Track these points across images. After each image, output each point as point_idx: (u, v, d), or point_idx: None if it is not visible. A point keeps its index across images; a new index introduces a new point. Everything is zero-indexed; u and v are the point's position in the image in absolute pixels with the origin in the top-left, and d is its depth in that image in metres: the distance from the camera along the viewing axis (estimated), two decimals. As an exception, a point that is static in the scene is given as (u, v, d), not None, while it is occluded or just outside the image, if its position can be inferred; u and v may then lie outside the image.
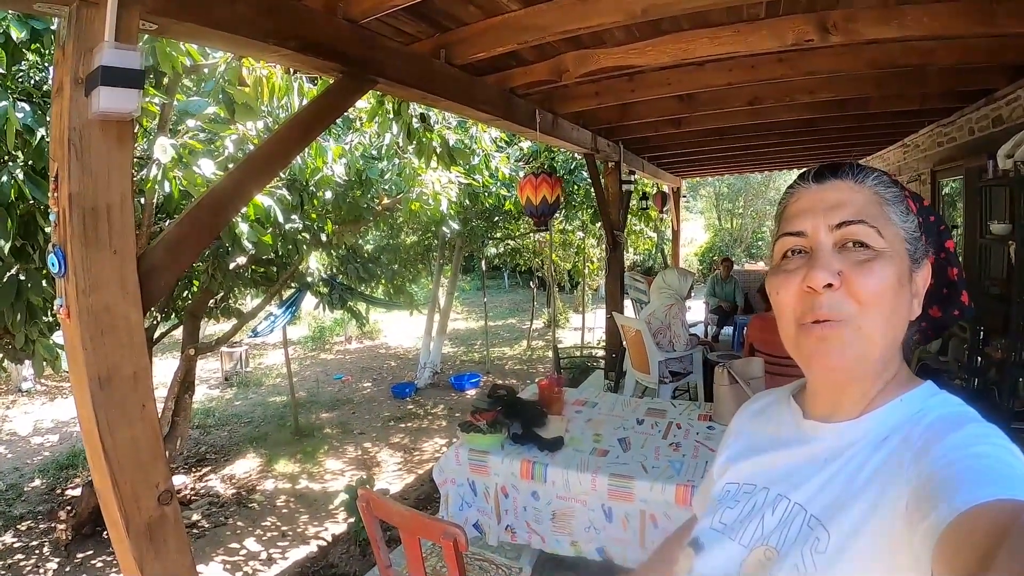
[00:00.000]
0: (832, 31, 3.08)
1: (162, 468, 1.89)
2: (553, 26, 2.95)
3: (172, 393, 7.04)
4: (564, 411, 3.57)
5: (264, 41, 2.30)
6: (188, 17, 2.02)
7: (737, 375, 3.39)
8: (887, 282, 0.80)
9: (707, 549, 0.93)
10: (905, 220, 0.85)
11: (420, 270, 12.52)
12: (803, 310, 0.82)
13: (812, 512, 0.81)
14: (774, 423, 1.01)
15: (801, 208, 0.87)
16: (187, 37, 2.54)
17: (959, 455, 0.69)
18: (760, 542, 0.86)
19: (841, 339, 0.79)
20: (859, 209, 0.83)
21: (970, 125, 5.65)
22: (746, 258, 23.89)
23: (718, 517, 0.96)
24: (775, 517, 0.87)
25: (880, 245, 0.81)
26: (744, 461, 1.01)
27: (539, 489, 2.95)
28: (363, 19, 2.70)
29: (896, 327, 0.83)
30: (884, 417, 0.83)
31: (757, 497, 0.92)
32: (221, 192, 2.33)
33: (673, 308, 5.62)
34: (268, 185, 4.49)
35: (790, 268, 0.85)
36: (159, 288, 1.98)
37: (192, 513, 6.93)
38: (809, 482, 0.85)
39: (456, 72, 3.45)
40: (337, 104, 2.80)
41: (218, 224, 2.42)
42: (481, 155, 6.47)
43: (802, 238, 0.85)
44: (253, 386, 12.71)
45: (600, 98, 4.68)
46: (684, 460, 2.90)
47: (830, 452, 0.85)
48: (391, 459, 8.53)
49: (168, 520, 1.88)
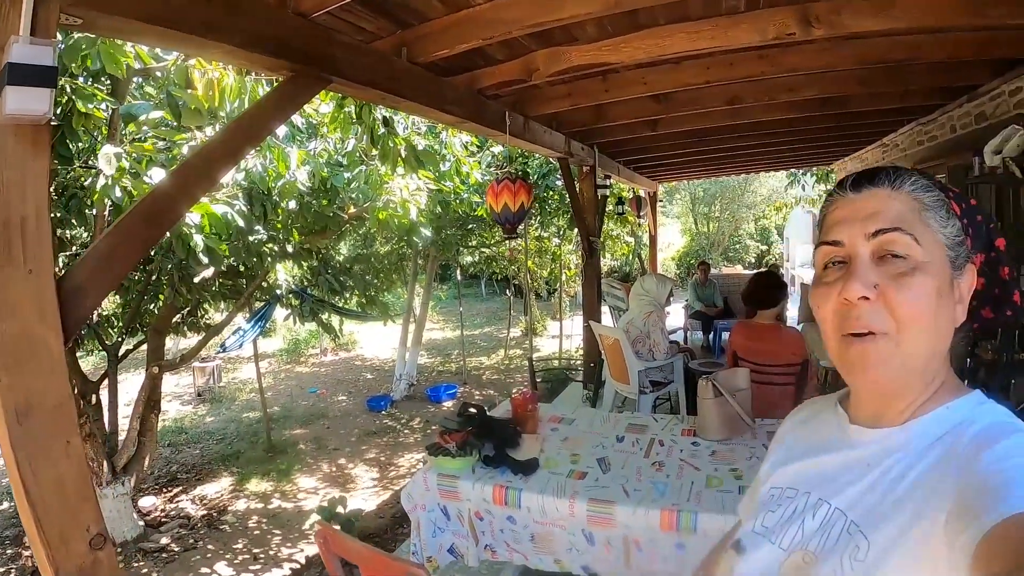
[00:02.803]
0: (815, 24, 2.95)
1: (93, 510, 1.73)
2: (521, 20, 2.80)
3: (137, 412, 6.81)
4: (539, 429, 3.37)
5: (203, 36, 2.12)
6: (115, 10, 1.84)
7: (722, 387, 3.21)
8: (926, 296, 0.79)
9: (748, 552, 0.95)
10: (946, 225, 0.83)
11: (395, 280, 12.31)
12: (842, 321, 0.82)
13: (852, 518, 0.82)
14: (820, 428, 1.01)
15: (839, 217, 0.87)
16: (116, 33, 2.33)
17: (1004, 465, 0.68)
18: (799, 546, 0.86)
19: (880, 353, 0.79)
20: (895, 217, 0.82)
21: (952, 123, 5.54)
22: (723, 261, 23.89)
23: (760, 520, 0.97)
24: (815, 522, 0.87)
25: (918, 255, 0.80)
26: (788, 466, 1.01)
27: (515, 514, 2.76)
28: (315, 13, 2.51)
29: (937, 339, 0.82)
30: (930, 425, 0.82)
31: (799, 501, 0.93)
32: (156, 200, 2.15)
33: (652, 315, 5.44)
34: (224, 193, 4.29)
35: (829, 280, 0.85)
36: (84, 309, 1.81)
37: (161, 536, 6.73)
38: (851, 487, 0.85)
39: (420, 71, 3.27)
40: (287, 104, 2.60)
41: (154, 235, 2.23)
42: (452, 161, 6.28)
43: (840, 248, 0.85)
44: (226, 401, 12.45)
45: (573, 99, 4.52)
46: (668, 481, 2.71)
47: (873, 458, 0.85)
48: (366, 475, 8.34)
49: (102, 566, 1.72)
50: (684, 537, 2.43)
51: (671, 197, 26.89)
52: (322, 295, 8.75)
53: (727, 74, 4.07)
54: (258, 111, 2.52)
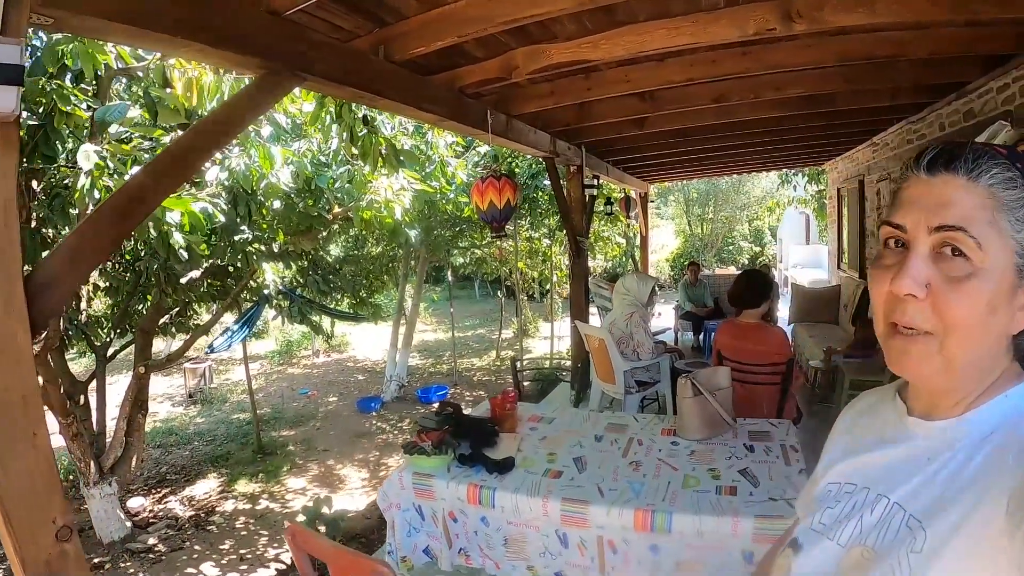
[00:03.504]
0: (796, 20, 2.91)
1: (59, 502, 1.73)
2: (495, 16, 2.77)
3: (124, 413, 6.80)
4: (518, 428, 3.36)
5: (174, 34, 2.09)
6: (85, 9, 1.83)
7: (702, 386, 3.19)
8: (977, 305, 0.75)
9: (806, 549, 0.93)
10: (1021, 229, 0.76)
11: (386, 281, 12.29)
12: (890, 308, 0.80)
13: (911, 512, 0.80)
14: (878, 421, 0.99)
15: (908, 198, 0.82)
16: (87, 32, 2.32)
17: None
18: (858, 542, 0.85)
19: (921, 352, 0.78)
20: (964, 214, 0.75)
21: (940, 121, 5.51)
22: (717, 263, 23.88)
23: (818, 517, 0.95)
24: (874, 517, 0.85)
25: (978, 259, 0.74)
26: (846, 461, 0.99)
27: (488, 514, 2.74)
28: (287, 11, 2.48)
29: (984, 346, 0.79)
30: (988, 414, 0.80)
31: (857, 497, 0.91)
32: (126, 196, 2.13)
33: (634, 316, 5.39)
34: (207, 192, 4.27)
35: (886, 263, 0.82)
36: (53, 303, 1.81)
37: (149, 537, 6.73)
38: (910, 482, 0.83)
39: (397, 69, 3.24)
40: (260, 102, 2.58)
41: (124, 229, 2.23)
42: (437, 160, 6.26)
43: (902, 232, 0.81)
44: (217, 403, 12.44)
45: (556, 97, 4.49)
46: (644, 481, 2.69)
47: (932, 451, 0.83)
48: (355, 475, 8.34)
49: (69, 557, 1.74)
50: (658, 539, 2.41)
51: (666, 198, 26.91)
52: (311, 296, 8.74)
53: (711, 71, 4.04)
54: (230, 108, 2.52)
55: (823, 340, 7.03)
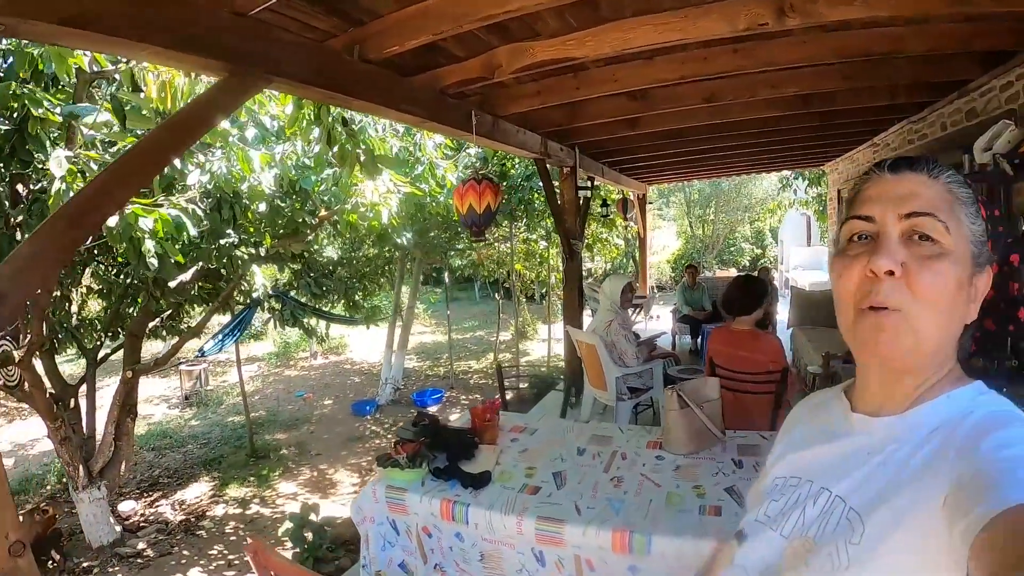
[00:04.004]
0: (789, 14, 2.81)
1: (11, 517, 1.80)
2: (470, 13, 2.69)
3: (112, 417, 6.76)
4: (499, 440, 3.25)
5: (127, 37, 2.03)
6: (34, 15, 1.80)
7: (689, 397, 3.07)
8: (947, 282, 0.80)
9: (750, 540, 0.97)
10: (974, 222, 0.85)
11: (383, 284, 12.21)
12: (862, 295, 0.83)
13: (852, 505, 0.83)
14: (824, 419, 1.02)
15: (872, 194, 0.88)
16: (40, 37, 2.26)
17: (1003, 454, 0.69)
18: (800, 533, 0.88)
19: (894, 327, 0.80)
20: (930, 202, 0.83)
21: (942, 120, 5.41)
22: (717, 264, 23.74)
23: (763, 509, 0.99)
24: (816, 509, 0.88)
25: (946, 242, 0.81)
26: (792, 455, 1.03)
27: (462, 531, 2.64)
28: (252, 10, 2.39)
29: (950, 326, 0.83)
30: (931, 413, 0.83)
31: (801, 490, 0.94)
32: (82, 202, 2.09)
33: (613, 324, 5.26)
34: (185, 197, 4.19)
35: (854, 253, 0.86)
36: (6, 313, 1.80)
37: (138, 541, 6.67)
38: (851, 475, 0.86)
39: (372, 69, 3.15)
40: (224, 103, 2.50)
41: (79, 237, 2.18)
42: (426, 163, 6.16)
43: (870, 223, 0.86)
44: (213, 405, 12.39)
45: (543, 97, 4.40)
46: (625, 499, 2.57)
47: (875, 446, 0.87)
48: (347, 480, 8.26)
49: (22, 571, 1.79)
50: (637, 559, 2.30)
51: (667, 200, 26.80)
52: (304, 298, 8.68)
53: (702, 69, 3.93)
54: (191, 113, 2.45)
55: (822, 345, 6.89)
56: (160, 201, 3.84)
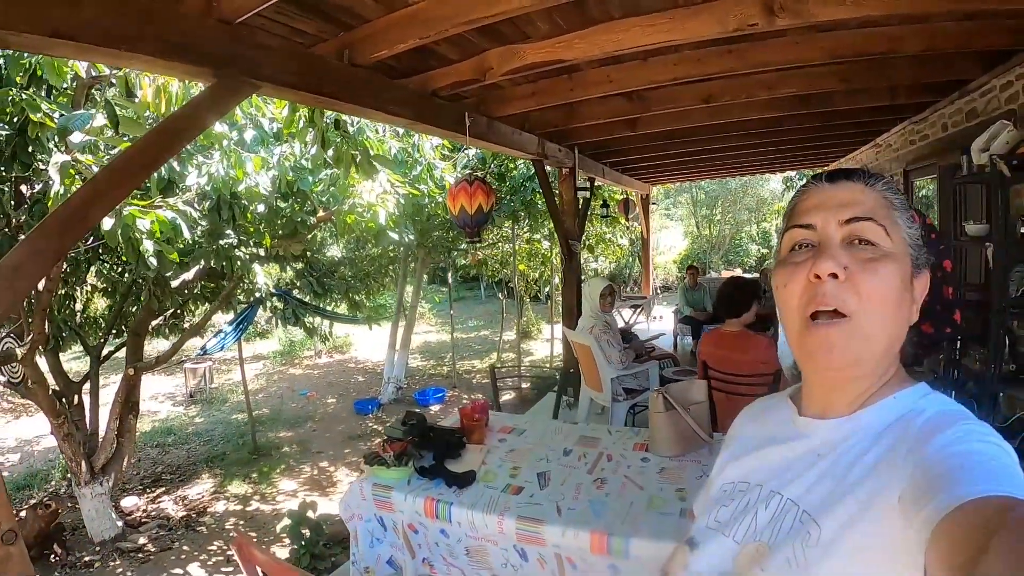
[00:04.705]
0: (779, 14, 2.83)
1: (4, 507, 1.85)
2: (455, 16, 2.73)
3: (114, 413, 6.81)
4: (487, 440, 3.28)
5: (116, 47, 2.10)
6: (23, 27, 1.85)
7: (675, 400, 3.08)
8: (891, 283, 0.82)
9: (701, 546, 0.97)
10: (910, 226, 0.88)
11: (387, 283, 12.23)
12: (807, 299, 0.84)
13: (804, 507, 0.83)
14: (770, 423, 1.03)
15: (812, 204, 0.90)
16: (30, 48, 2.31)
17: (953, 451, 0.71)
18: (753, 538, 0.88)
19: (842, 337, 0.81)
20: (869, 208, 0.86)
21: (943, 121, 5.41)
22: (723, 265, 23.63)
23: (713, 516, 0.99)
24: (767, 513, 0.89)
25: (887, 245, 0.84)
26: (739, 460, 1.03)
27: (446, 528, 2.67)
28: (237, 18, 2.45)
29: (896, 328, 0.85)
30: (878, 414, 0.85)
31: (751, 494, 0.95)
32: (69, 211, 2.14)
33: (595, 329, 5.25)
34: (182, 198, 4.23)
35: (797, 260, 0.87)
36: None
37: (139, 536, 6.72)
38: (801, 478, 0.87)
39: (358, 72, 3.18)
40: (212, 109, 2.54)
41: (65, 245, 2.22)
42: (424, 163, 6.19)
43: (811, 231, 0.88)
44: (217, 403, 12.43)
45: (538, 98, 4.43)
46: (606, 501, 2.58)
47: (823, 448, 0.88)
48: (347, 478, 8.28)
49: (13, 560, 1.85)
50: (617, 560, 2.32)
51: (674, 200, 26.71)
52: (306, 297, 8.71)
53: (697, 70, 3.95)
54: (180, 118, 2.50)
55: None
56: (158, 203, 3.88)
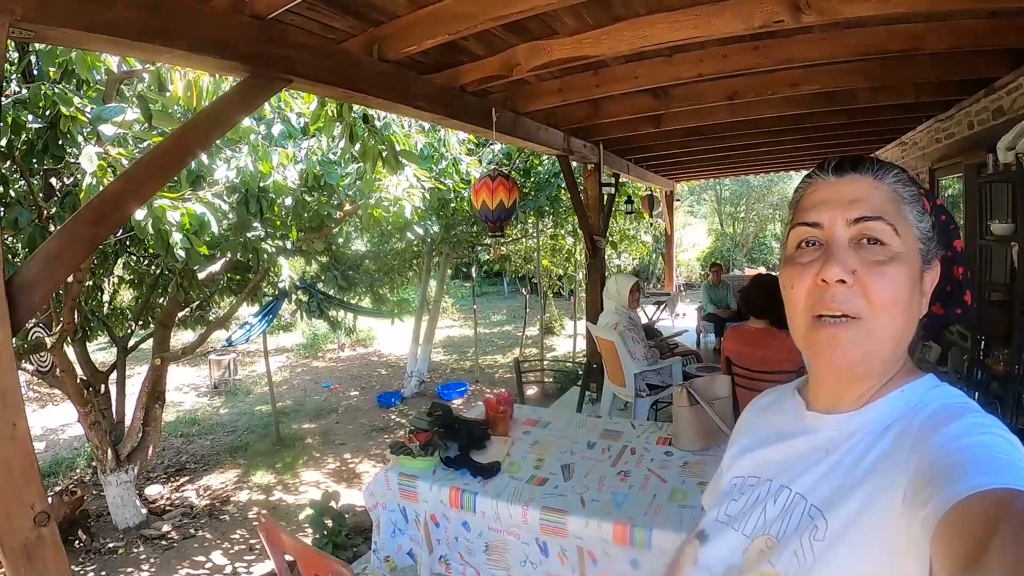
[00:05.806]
0: (805, 10, 2.80)
1: (37, 489, 1.84)
2: (483, 13, 2.74)
3: (140, 403, 6.91)
4: (511, 432, 3.31)
5: (150, 42, 2.15)
6: (63, 23, 1.91)
7: (699, 395, 3.09)
8: (901, 286, 0.80)
9: (711, 539, 0.96)
10: (920, 220, 0.85)
11: (411, 277, 12.29)
12: (815, 301, 0.82)
13: (812, 502, 0.83)
14: (779, 417, 1.03)
15: (818, 199, 0.87)
16: (67, 43, 2.38)
17: (959, 444, 0.70)
18: (761, 531, 0.88)
19: (851, 338, 0.80)
20: (878, 206, 0.83)
21: (969, 119, 5.33)
22: (747, 263, 23.45)
23: (723, 509, 0.98)
24: (776, 507, 0.88)
25: (896, 245, 0.81)
26: (749, 455, 1.03)
27: (469, 519, 2.70)
28: (269, 14, 2.48)
29: (906, 328, 0.83)
30: (886, 407, 0.84)
31: (760, 489, 0.94)
32: (104, 202, 2.18)
33: (619, 326, 5.24)
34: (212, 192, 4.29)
35: (804, 261, 0.85)
36: (32, 304, 1.88)
37: (163, 524, 6.83)
38: (810, 472, 0.87)
39: (386, 68, 3.20)
40: (243, 105, 2.59)
41: (99, 234, 2.25)
42: (450, 158, 6.22)
43: (818, 229, 0.85)
44: (241, 394, 12.58)
45: (564, 94, 4.44)
46: (629, 493, 2.60)
47: (831, 442, 0.87)
48: (371, 470, 8.34)
49: (46, 541, 1.85)
50: (638, 553, 2.34)
51: (699, 197, 26.54)
52: (331, 291, 8.78)
53: (722, 67, 3.93)
54: (212, 113, 2.53)
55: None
56: (187, 196, 3.94)
